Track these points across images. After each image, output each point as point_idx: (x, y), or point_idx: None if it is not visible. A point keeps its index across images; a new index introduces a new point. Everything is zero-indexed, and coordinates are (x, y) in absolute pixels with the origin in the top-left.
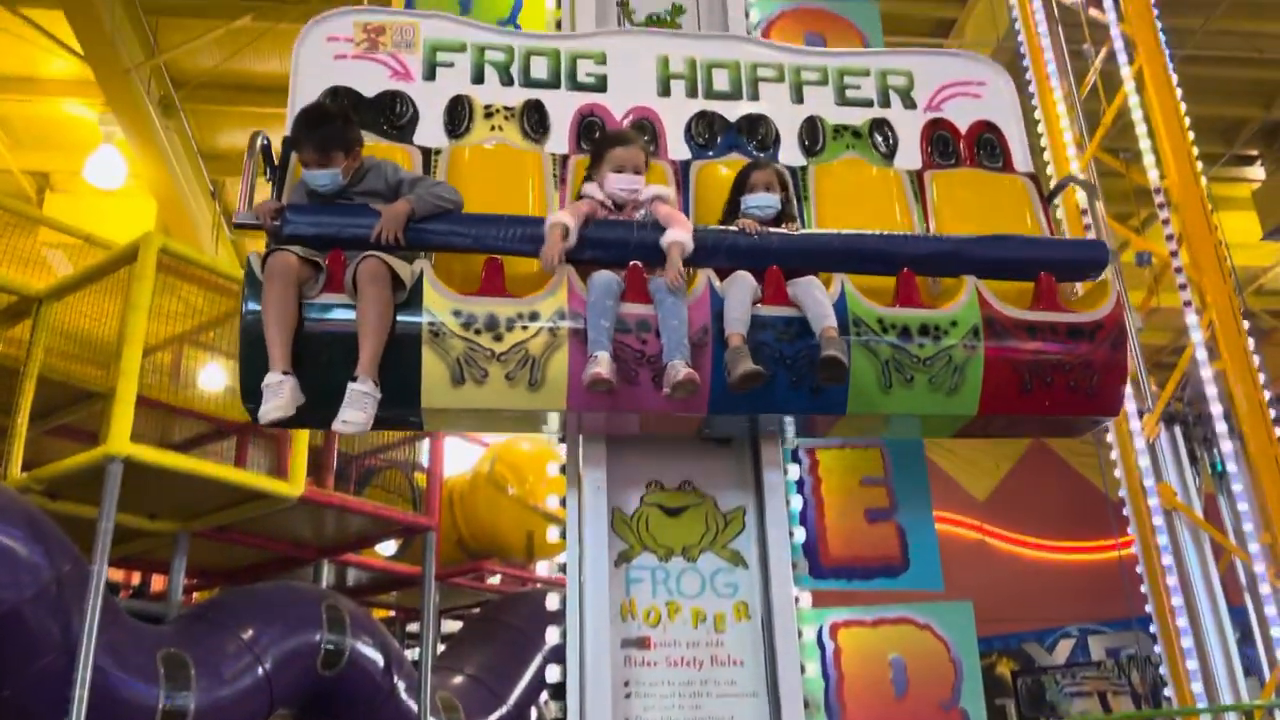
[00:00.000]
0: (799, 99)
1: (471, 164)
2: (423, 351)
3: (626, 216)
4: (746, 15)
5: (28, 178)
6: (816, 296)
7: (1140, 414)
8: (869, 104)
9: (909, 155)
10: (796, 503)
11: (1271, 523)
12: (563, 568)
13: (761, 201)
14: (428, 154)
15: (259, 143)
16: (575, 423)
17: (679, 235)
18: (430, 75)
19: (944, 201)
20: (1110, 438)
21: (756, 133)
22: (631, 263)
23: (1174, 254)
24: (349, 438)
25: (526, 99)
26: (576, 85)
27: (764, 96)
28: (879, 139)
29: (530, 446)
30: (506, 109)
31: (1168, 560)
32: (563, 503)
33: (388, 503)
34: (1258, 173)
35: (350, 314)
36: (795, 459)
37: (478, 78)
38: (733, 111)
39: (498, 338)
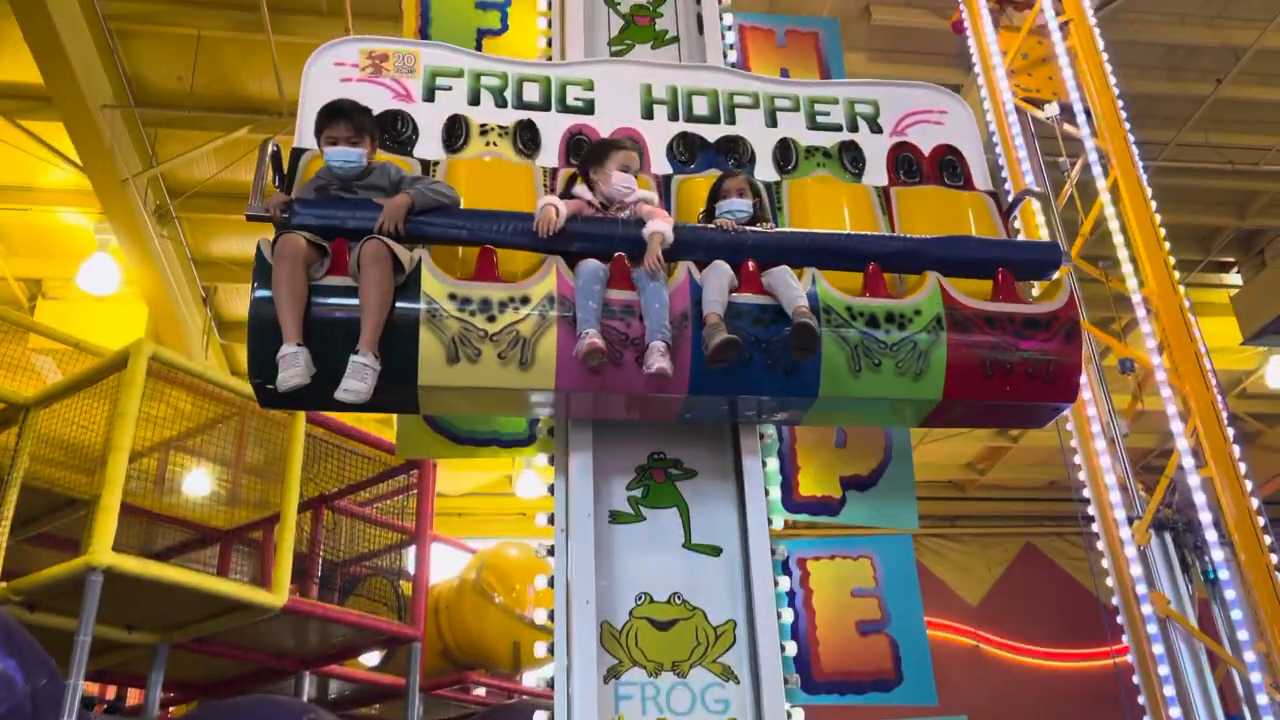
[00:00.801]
0: (773, 123)
1: (467, 174)
2: (420, 331)
3: (611, 216)
4: (720, 19)
5: (20, 284)
6: (789, 282)
7: (1130, 521)
8: (838, 129)
9: (876, 174)
10: (787, 615)
11: (1266, 632)
12: (550, 682)
13: (735, 205)
14: (426, 165)
15: (270, 149)
16: (564, 405)
17: (660, 226)
18: (430, 97)
19: (909, 214)
20: (1101, 544)
21: (734, 152)
22: (616, 253)
23: (1156, 363)
24: (334, 546)
25: (519, 119)
26: (566, 108)
27: (740, 121)
28: (847, 159)
29: (518, 553)
30: (500, 127)
31: (1164, 670)
32: (551, 616)
33: (372, 612)
34: (1235, 278)
35: (352, 299)
36: (786, 570)
37: (474, 100)
38: (712, 133)
39: (491, 319)
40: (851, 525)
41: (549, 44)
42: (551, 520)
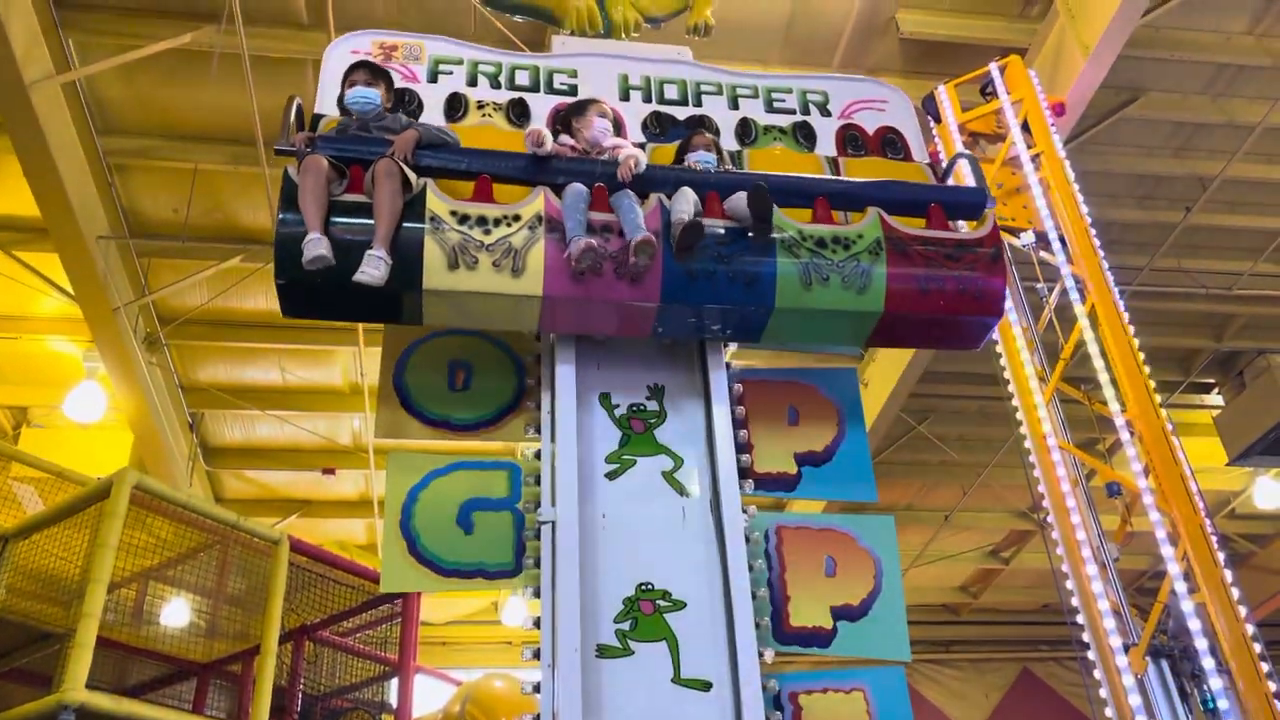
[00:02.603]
0: (735, 107)
1: (465, 137)
2: (425, 242)
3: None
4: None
5: (5, 412)
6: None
7: (1126, 649)
8: (792, 112)
9: (826, 148)
10: None
11: None
12: None
13: (701, 157)
14: (430, 127)
15: (295, 104)
16: (550, 314)
17: (634, 150)
18: (433, 79)
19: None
20: (1098, 672)
21: (701, 127)
22: (596, 184)
23: (1143, 486)
24: (314, 678)
25: (512, 97)
26: (553, 90)
27: (706, 104)
28: (801, 135)
29: (503, 686)
30: (495, 104)
31: None
32: None
33: None
34: (1216, 399)
35: (367, 218)
36: (777, 705)
37: (472, 82)
38: (681, 113)
39: (486, 232)
40: (843, 657)
41: None
42: (537, 654)
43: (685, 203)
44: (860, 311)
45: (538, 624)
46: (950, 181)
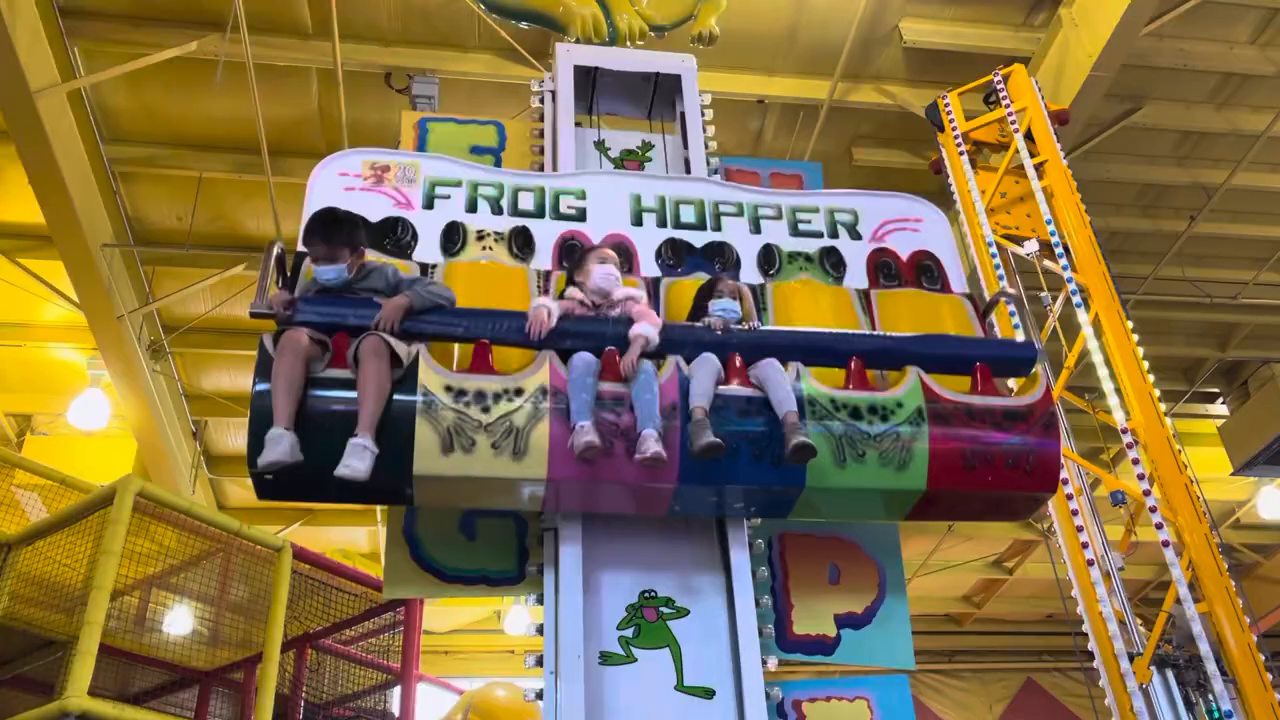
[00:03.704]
0: (757, 230)
1: (463, 276)
2: (416, 422)
3: (603, 316)
4: (708, 163)
5: (10, 420)
6: (778, 379)
7: (1130, 657)
8: (819, 235)
9: (856, 277)
10: None
11: None
12: None
13: (726, 306)
14: (425, 268)
15: (275, 251)
16: (555, 496)
17: (645, 329)
18: (429, 205)
19: (889, 315)
20: (1103, 682)
21: (720, 257)
22: (607, 349)
23: (1147, 493)
24: (316, 686)
25: (514, 225)
26: (559, 216)
27: (726, 228)
28: (829, 263)
29: (505, 694)
30: (496, 233)
31: None
32: None
33: None
34: (1220, 409)
35: (350, 391)
36: (781, 713)
37: (471, 208)
38: (698, 239)
39: (485, 410)
40: (847, 665)
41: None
42: (540, 662)
43: (706, 381)
44: (900, 490)
45: (540, 631)
46: (992, 321)
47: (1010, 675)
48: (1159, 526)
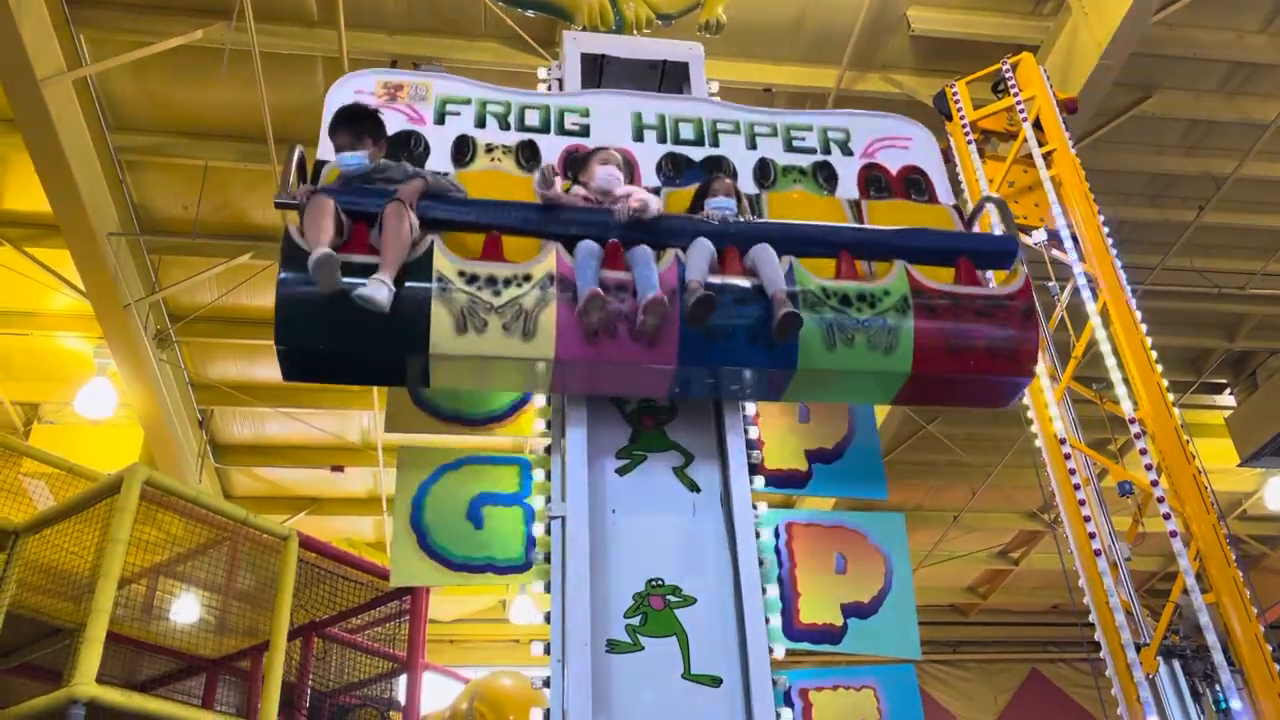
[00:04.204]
0: (753, 146)
1: (473, 183)
2: (432, 305)
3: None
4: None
5: (16, 409)
6: (770, 260)
7: (1137, 648)
8: (813, 151)
9: (848, 190)
10: None
11: None
12: None
13: (721, 203)
14: (437, 176)
15: (297, 153)
16: (561, 377)
17: (644, 195)
18: (440, 120)
19: (879, 224)
20: (1109, 672)
21: (718, 169)
22: (611, 240)
23: (1155, 484)
24: (323, 675)
25: (521, 139)
26: (564, 131)
27: (723, 144)
28: (821, 177)
29: (511, 683)
30: (504, 146)
31: None
32: None
33: None
34: (1228, 400)
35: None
36: (788, 702)
37: (480, 123)
38: (697, 154)
39: (496, 293)
40: (853, 654)
41: None
42: (547, 649)
43: (701, 260)
44: (887, 372)
45: (547, 619)
46: (976, 228)
47: (1015, 666)
48: (1166, 517)
